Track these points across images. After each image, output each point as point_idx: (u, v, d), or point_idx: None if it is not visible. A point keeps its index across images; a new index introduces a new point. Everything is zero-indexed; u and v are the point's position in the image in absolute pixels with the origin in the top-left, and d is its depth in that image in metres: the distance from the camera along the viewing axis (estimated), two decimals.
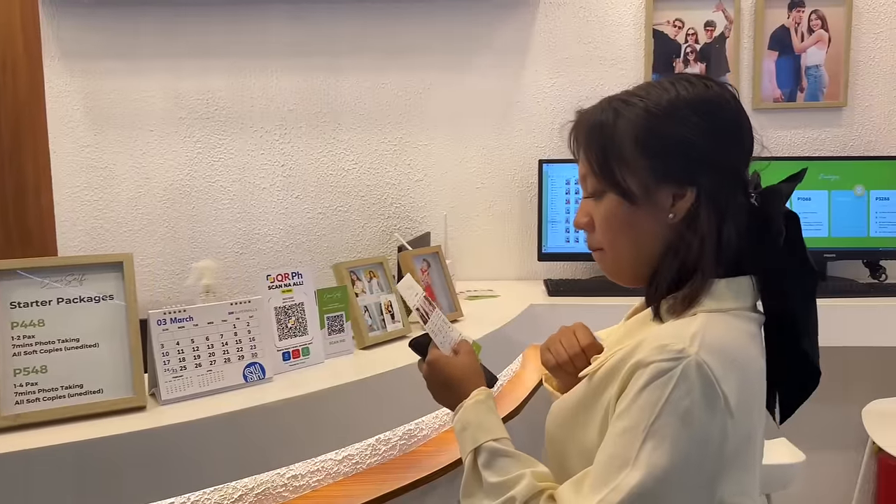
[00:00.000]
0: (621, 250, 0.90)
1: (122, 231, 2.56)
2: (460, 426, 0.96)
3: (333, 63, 2.50)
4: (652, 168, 0.86)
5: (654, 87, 0.89)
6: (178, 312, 1.33)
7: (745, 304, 0.87)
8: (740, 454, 0.81)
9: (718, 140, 0.86)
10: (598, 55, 2.49)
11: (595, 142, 0.89)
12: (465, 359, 1.03)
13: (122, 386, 1.27)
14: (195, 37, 2.49)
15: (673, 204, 0.86)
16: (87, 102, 2.52)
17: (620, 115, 0.87)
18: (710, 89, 0.88)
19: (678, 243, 0.86)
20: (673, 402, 0.76)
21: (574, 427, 0.89)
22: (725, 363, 0.78)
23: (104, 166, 2.55)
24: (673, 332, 0.81)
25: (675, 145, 0.85)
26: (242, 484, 1.33)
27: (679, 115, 0.85)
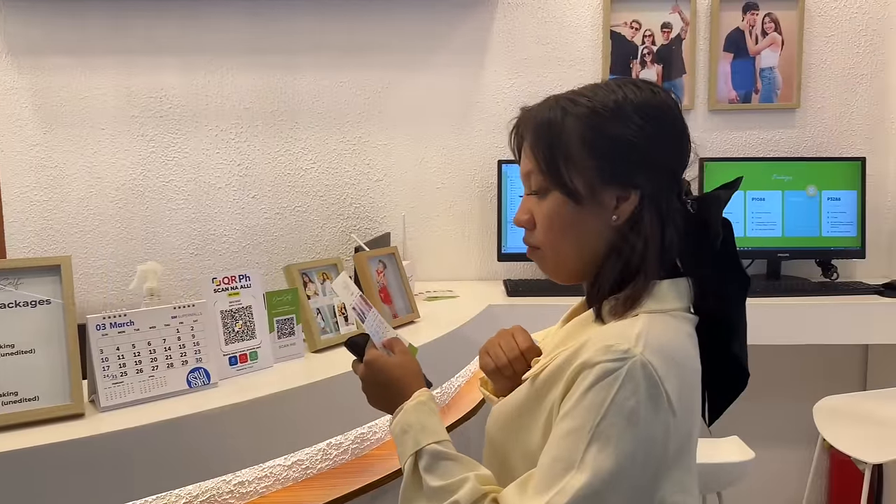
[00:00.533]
0: (563, 250, 0.90)
1: (73, 232, 2.50)
2: (400, 429, 0.94)
3: (291, 61, 2.46)
4: (598, 168, 0.86)
5: (600, 88, 0.89)
6: (119, 317, 1.30)
7: (683, 305, 0.88)
8: (681, 452, 0.82)
9: (663, 145, 0.87)
10: (557, 56, 2.49)
11: (542, 139, 0.88)
12: (404, 359, 1.01)
13: (60, 393, 1.23)
14: (147, 32, 2.44)
15: (617, 206, 0.87)
16: (35, 100, 2.45)
17: (568, 114, 0.87)
18: (656, 95, 0.89)
19: (621, 245, 0.86)
20: (619, 402, 0.76)
21: (517, 429, 0.89)
22: (668, 363, 0.80)
23: (54, 165, 2.48)
24: (617, 333, 0.81)
25: (622, 147, 0.85)
26: (186, 491, 1.30)
27: (626, 118, 0.86)
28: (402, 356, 1.01)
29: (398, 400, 0.97)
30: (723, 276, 0.89)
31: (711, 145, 2.52)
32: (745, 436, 1.93)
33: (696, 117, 2.51)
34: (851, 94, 2.51)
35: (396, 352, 1.02)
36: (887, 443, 1.95)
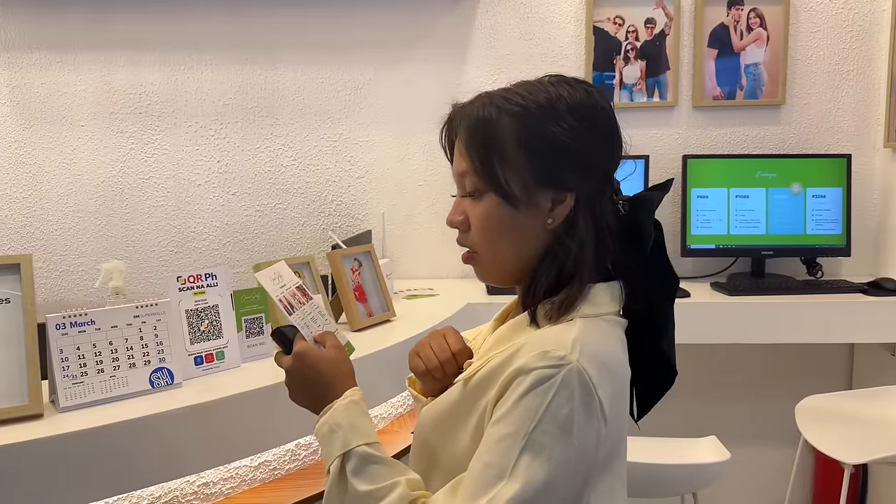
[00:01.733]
0: (499, 252, 0.88)
1: (53, 229, 2.48)
2: (328, 428, 0.89)
3: (271, 56, 2.44)
4: (533, 170, 0.84)
5: (535, 86, 0.86)
6: (79, 316, 1.28)
7: (615, 309, 0.88)
8: (611, 458, 0.81)
9: (597, 146, 0.86)
10: (539, 52, 2.47)
11: (477, 138, 0.86)
12: (337, 355, 0.96)
13: (17, 393, 1.21)
14: (127, 27, 2.42)
15: (552, 209, 0.85)
16: (14, 96, 2.43)
17: (503, 113, 0.85)
18: (590, 95, 0.87)
19: (557, 248, 0.85)
20: (553, 409, 0.75)
21: (446, 431, 0.87)
22: (602, 370, 0.79)
23: (33, 162, 2.46)
24: (553, 339, 0.80)
25: (557, 149, 0.84)
26: (148, 492, 1.28)
27: (561, 118, 0.84)
28: (335, 351, 0.97)
29: (327, 398, 0.93)
30: (653, 277, 0.89)
31: (695, 142, 2.50)
32: (724, 436, 1.91)
33: (681, 114, 2.49)
34: (837, 90, 2.49)
35: (328, 346, 0.97)
36: (869, 443, 1.93)
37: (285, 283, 1.03)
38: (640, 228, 0.87)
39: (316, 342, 0.99)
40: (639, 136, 2.49)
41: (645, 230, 0.87)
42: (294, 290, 1.02)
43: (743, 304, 2.22)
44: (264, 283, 1.03)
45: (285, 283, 1.02)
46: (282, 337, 1.00)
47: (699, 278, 2.48)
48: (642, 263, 0.88)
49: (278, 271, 1.03)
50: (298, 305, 1.01)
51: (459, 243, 0.92)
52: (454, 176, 0.91)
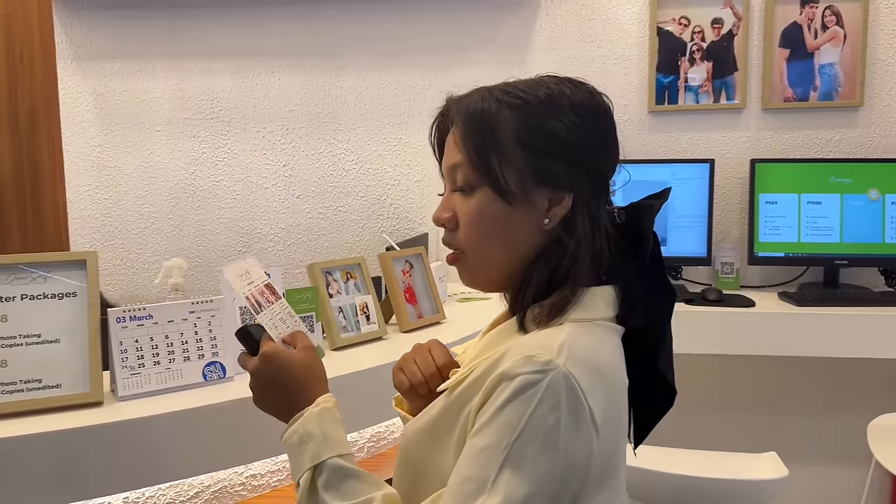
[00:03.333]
0: (490, 252, 0.83)
1: (130, 229, 2.62)
2: (298, 438, 0.84)
3: (334, 63, 2.51)
4: (531, 167, 0.80)
5: (537, 84, 0.83)
6: (138, 310, 1.35)
7: (610, 315, 0.83)
8: (607, 472, 0.76)
9: (598, 148, 0.83)
10: (601, 54, 2.44)
11: (475, 130, 0.81)
12: (309, 358, 0.90)
13: (80, 381, 1.29)
14: (200, 38, 2.53)
15: (549, 208, 0.81)
16: (97, 103, 2.59)
17: (503, 106, 0.81)
18: (593, 97, 0.84)
19: (552, 249, 0.81)
20: (537, 418, 0.70)
21: (430, 445, 0.81)
22: (593, 376, 0.73)
23: (114, 165, 2.61)
24: (539, 343, 0.75)
25: (558, 147, 0.80)
26: (199, 481, 1.34)
27: (563, 115, 0.80)
28: (307, 353, 0.91)
29: (297, 404, 0.87)
30: (650, 289, 0.84)
31: (764, 146, 2.41)
32: (785, 452, 1.83)
33: (749, 116, 2.41)
34: None
35: (299, 347, 0.91)
36: None
37: (253, 279, 0.98)
38: (640, 234, 0.83)
39: (285, 343, 0.93)
40: (704, 140, 2.42)
41: (645, 237, 0.83)
42: (262, 288, 0.97)
43: (813, 316, 2.12)
44: (231, 279, 0.97)
45: (253, 280, 0.97)
46: (247, 336, 0.94)
47: (766, 287, 2.38)
48: (638, 273, 0.83)
49: (247, 268, 0.98)
50: (266, 304, 0.96)
51: (445, 243, 0.87)
52: (444, 170, 0.86)
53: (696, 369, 2.43)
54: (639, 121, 2.45)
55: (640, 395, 0.86)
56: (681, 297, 2.21)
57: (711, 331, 2.13)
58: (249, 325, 0.96)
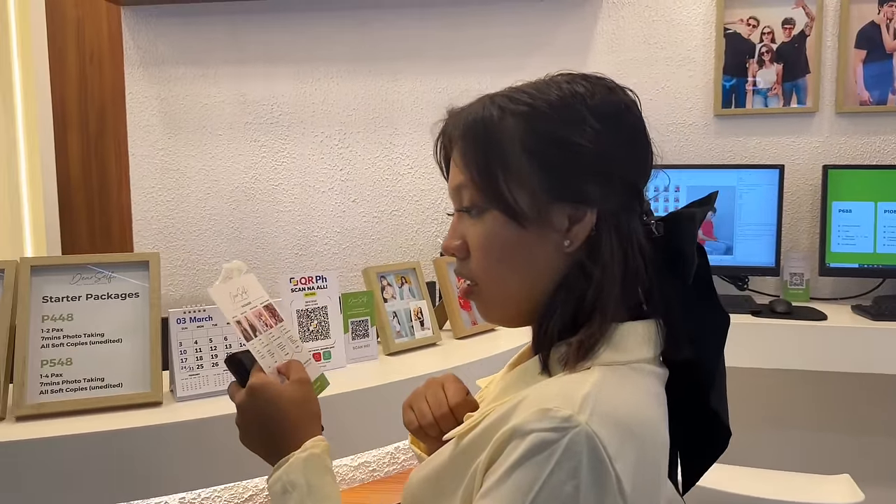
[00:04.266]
0: (504, 282, 0.72)
1: (192, 230, 2.68)
2: (281, 487, 0.76)
3: (391, 67, 2.51)
4: (544, 181, 0.69)
5: (545, 84, 0.73)
6: (198, 312, 1.36)
7: (649, 355, 0.70)
8: None
9: (622, 152, 0.71)
10: (665, 56, 2.37)
11: (475, 143, 0.71)
12: (302, 393, 0.81)
13: (141, 381, 1.31)
14: (262, 44, 2.57)
15: (569, 228, 0.69)
16: (162, 107, 2.66)
17: (507, 113, 0.70)
18: (613, 92, 0.73)
19: (576, 276, 0.69)
20: (553, 485, 0.60)
21: (435, 497, 0.72)
22: (623, 435, 0.62)
23: (177, 168, 2.67)
24: (560, 392, 0.64)
25: (573, 155, 0.69)
26: (253, 484, 1.35)
27: (576, 119, 0.69)
28: (299, 387, 0.82)
29: (284, 446, 0.79)
30: (698, 315, 0.72)
31: (838, 151, 2.30)
32: (860, 475, 1.73)
33: (822, 121, 2.30)
34: None
35: (292, 380, 0.82)
36: None
37: (250, 300, 0.88)
38: (680, 252, 0.71)
39: (280, 373, 0.85)
40: (773, 145, 2.33)
41: (686, 253, 0.71)
42: (260, 310, 0.88)
43: (890, 331, 2.01)
44: (220, 300, 0.86)
45: (250, 301, 0.88)
46: (237, 365, 0.85)
47: (839, 300, 2.27)
48: (682, 298, 0.72)
49: (244, 286, 0.89)
50: (264, 328, 0.86)
51: (457, 274, 0.78)
52: (450, 192, 0.76)
53: (761, 384, 2.33)
54: (704, 124, 2.37)
55: (689, 437, 0.77)
56: (747, 308, 2.12)
57: (779, 344, 2.04)
58: (240, 351, 0.86)
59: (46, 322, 1.29)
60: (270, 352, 0.85)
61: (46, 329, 1.28)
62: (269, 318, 0.87)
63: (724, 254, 2.23)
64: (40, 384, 1.25)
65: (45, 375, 1.26)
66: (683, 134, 2.38)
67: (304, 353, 0.88)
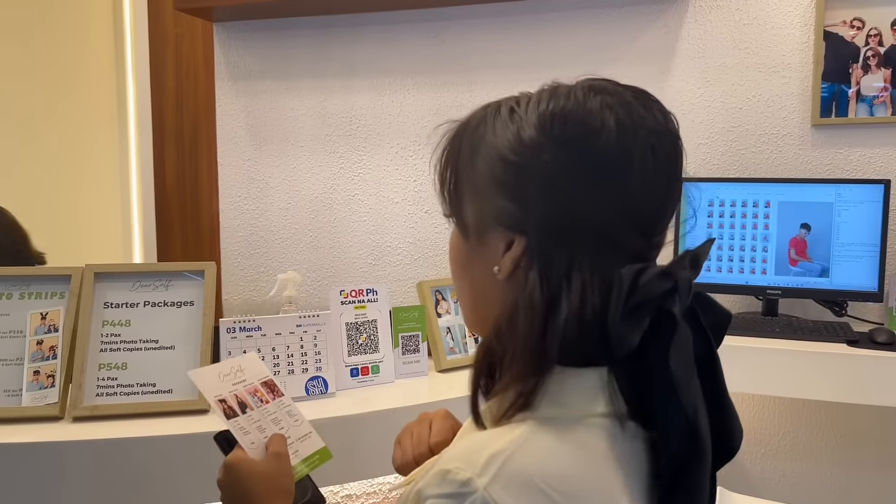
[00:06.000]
0: (460, 294, 0.71)
1: (274, 239, 2.75)
2: None
3: (466, 78, 2.48)
4: (491, 202, 0.64)
5: (542, 92, 0.68)
6: (248, 322, 1.38)
7: (596, 410, 0.61)
8: None
9: (581, 183, 0.60)
10: (757, 62, 2.21)
11: (445, 146, 0.70)
12: (272, 467, 0.80)
13: (190, 388, 1.34)
14: (342, 57, 2.61)
15: (503, 253, 0.63)
16: (248, 119, 2.75)
17: (483, 126, 0.67)
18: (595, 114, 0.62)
19: (511, 309, 0.62)
20: None
21: None
22: (534, 500, 0.54)
23: (261, 178, 2.76)
24: (465, 451, 0.58)
25: (521, 175, 0.62)
26: None
27: (534, 137, 0.62)
28: (272, 462, 0.81)
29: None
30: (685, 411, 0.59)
31: None
32: None
33: None
34: None
35: (269, 454, 0.82)
36: None
37: (245, 377, 0.89)
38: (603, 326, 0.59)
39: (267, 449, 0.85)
40: (878, 157, 2.12)
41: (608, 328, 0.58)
42: (256, 386, 0.89)
43: None
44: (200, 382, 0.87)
45: (245, 379, 0.89)
46: (223, 443, 0.87)
47: None
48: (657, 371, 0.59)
49: (240, 364, 0.90)
50: (258, 404, 0.87)
51: None
52: None
53: (860, 423, 2.12)
54: (799, 135, 2.19)
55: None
56: (843, 337, 1.93)
57: (879, 379, 1.84)
58: (226, 430, 0.88)
59: (106, 327, 1.34)
60: (261, 427, 0.86)
61: (106, 334, 1.34)
62: (267, 393, 0.89)
63: (819, 276, 2.04)
64: (97, 387, 1.31)
65: (102, 378, 1.31)
66: (776, 145, 2.21)
67: (304, 427, 0.90)
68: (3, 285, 1.36)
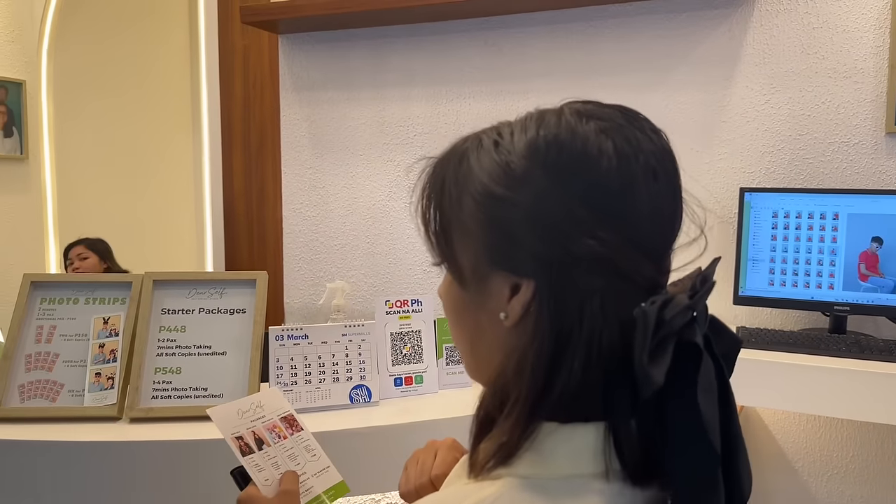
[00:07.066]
0: (458, 342, 0.65)
1: (333, 245, 2.82)
2: None
3: (523, 87, 2.47)
4: (487, 243, 0.58)
5: (527, 119, 0.61)
6: (296, 330, 1.42)
7: (586, 470, 0.56)
8: None
9: (579, 217, 0.55)
10: (828, 67, 2.11)
11: (431, 189, 0.63)
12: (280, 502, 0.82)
13: (240, 392, 1.39)
14: (400, 67, 2.65)
15: (509, 299, 0.58)
16: (311, 129, 2.83)
17: (466, 161, 0.61)
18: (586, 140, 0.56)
19: (519, 355, 0.57)
20: None
21: None
22: None
23: (322, 186, 2.83)
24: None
25: (515, 211, 0.56)
26: (338, 502, 1.37)
27: (525, 168, 0.57)
28: (282, 500, 0.83)
29: None
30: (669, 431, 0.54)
31: None
32: None
33: None
34: None
35: (280, 491, 0.83)
36: None
37: (265, 413, 0.90)
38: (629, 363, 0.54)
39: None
40: None
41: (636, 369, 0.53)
42: (275, 422, 0.90)
43: None
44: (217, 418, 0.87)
45: (264, 415, 0.90)
46: (239, 478, 0.89)
47: None
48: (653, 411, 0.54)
49: (260, 400, 0.90)
50: (276, 440, 0.89)
51: None
52: None
53: None
54: (872, 143, 2.08)
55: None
56: None
57: None
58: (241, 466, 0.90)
59: (163, 332, 1.41)
60: (276, 464, 0.87)
61: (162, 339, 1.40)
62: (285, 428, 0.90)
63: (891, 292, 1.93)
64: (152, 389, 1.37)
65: (157, 382, 1.37)
66: (847, 154, 2.10)
67: (321, 462, 0.91)
68: (72, 291, 1.44)
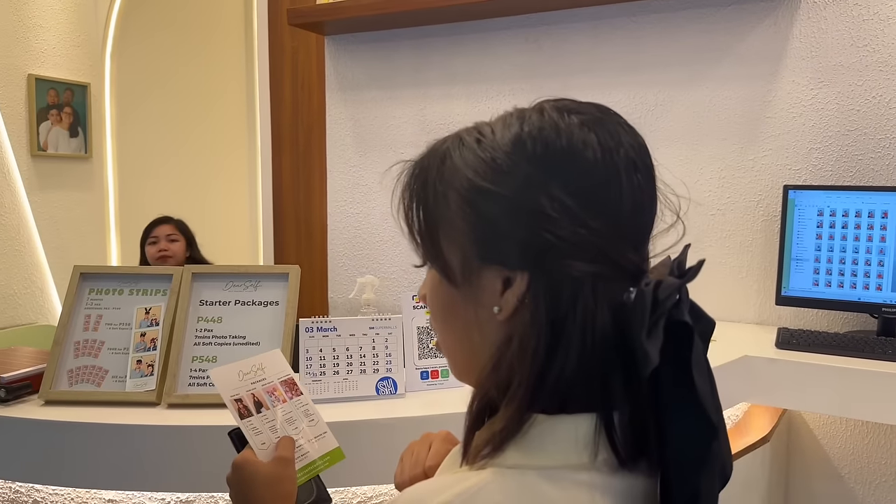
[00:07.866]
0: (448, 343, 0.66)
1: (374, 241, 2.87)
2: None
3: (564, 83, 2.47)
4: (475, 237, 0.59)
5: (508, 117, 0.63)
6: (325, 322, 1.47)
7: (576, 461, 0.56)
8: None
9: (573, 209, 0.57)
10: (878, 60, 2.04)
11: (415, 188, 0.64)
12: (275, 470, 0.82)
13: None
14: (441, 66, 2.68)
15: (502, 293, 0.59)
16: (354, 128, 2.89)
17: (449, 158, 0.62)
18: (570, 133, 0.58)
19: (506, 350, 0.59)
20: None
21: None
22: None
23: (364, 184, 2.88)
24: (421, 494, 0.55)
25: (503, 204, 0.58)
26: (361, 491, 1.41)
27: (511, 162, 0.58)
28: (276, 466, 0.83)
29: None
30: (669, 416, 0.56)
31: None
32: None
33: None
34: None
35: (274, 457, 0.84)
36: None
37: (265, 376, 0.89)
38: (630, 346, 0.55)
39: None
40: None
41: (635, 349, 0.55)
42: (275, 385, 0.89)
43: None
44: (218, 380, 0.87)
45: (265, 377, 0.89)
46: (236, 441, 0.88)
47: None
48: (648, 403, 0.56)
49: (262, 362, 0.90)
50: (275, 403, 0.88)
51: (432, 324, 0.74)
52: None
53: None
54: None
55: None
56: None
57: None
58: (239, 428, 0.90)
59: (200, 323, 1.47)
60: (273, 427, 0.87)
61: (200, 329, 1.47)
62: (285, 392, 0.90)
63: None
64: (189, 377, 1.44)
65: (194, 370, 1.44)
66: None
67: (319, 426, 0.91)
68: (118, 282, 1.52)
